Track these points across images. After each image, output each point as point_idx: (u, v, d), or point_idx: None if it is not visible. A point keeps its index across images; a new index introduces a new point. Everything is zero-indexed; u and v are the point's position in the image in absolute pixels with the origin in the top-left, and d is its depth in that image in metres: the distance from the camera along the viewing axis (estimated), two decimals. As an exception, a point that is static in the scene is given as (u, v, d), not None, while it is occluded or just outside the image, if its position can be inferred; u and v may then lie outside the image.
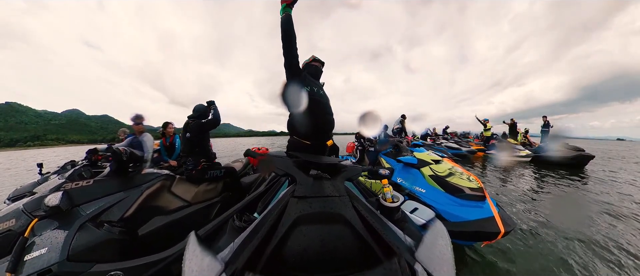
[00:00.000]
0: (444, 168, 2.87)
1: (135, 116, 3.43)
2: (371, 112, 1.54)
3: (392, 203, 1.02)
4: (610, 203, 4.21)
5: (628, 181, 6.26)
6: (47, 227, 1.51)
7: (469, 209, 2.33)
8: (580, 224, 3.21)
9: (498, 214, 2.22)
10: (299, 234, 0.75)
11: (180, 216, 2.18)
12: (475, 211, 2.29)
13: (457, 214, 2.29)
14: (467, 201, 2.41)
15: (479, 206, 2.33)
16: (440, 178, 2.68)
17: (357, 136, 5.34)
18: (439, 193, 2.58)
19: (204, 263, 0.65)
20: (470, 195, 2.43)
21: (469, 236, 2.16)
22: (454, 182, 2.58)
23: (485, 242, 2.27)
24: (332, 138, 1.78)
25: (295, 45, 1.55)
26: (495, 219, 2.16)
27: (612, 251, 2.59)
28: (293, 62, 1.55)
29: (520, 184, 5.71)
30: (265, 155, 1.49)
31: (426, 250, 0.72)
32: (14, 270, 1.31)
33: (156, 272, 1.55)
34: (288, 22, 1.51)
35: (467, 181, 2.58)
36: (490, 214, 2.21)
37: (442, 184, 2.62)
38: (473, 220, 2.20)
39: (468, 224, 2.18)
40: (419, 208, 2.24)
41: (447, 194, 2.53)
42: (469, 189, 2.47)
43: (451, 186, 2.56)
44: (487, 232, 2.10)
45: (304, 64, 1.88)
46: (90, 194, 1.80)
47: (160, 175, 2.31)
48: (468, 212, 2.29)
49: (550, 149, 8.78)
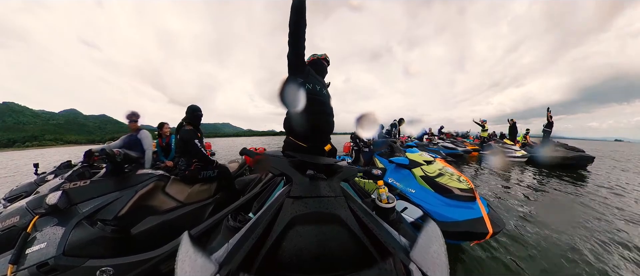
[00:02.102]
0: (435, 169, 2.92)
1: (131, 114, 3.39)
2: (368, 114, 1.54)
3: (387, 204, 1.03)
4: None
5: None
6: (47, 224, 1.61)
7: (458, 209, 2.37)
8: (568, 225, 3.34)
9: (487, 215, 2.26)
10: (295, 234, 0.75)
11: (174, 216, 2.20)
12: (465, 211, 2.32)
13: (446, 215, 2.33)
14: (457, 201, 2.45)
15: (468, 207, 2.37)
16: (430, 179, 2.73)
17: (352, 136, 5.40)
18: (429, 193, 2.62)
19: (197, 263, 0.64)
20: (460, 196, 2.48)
21: (457, 235, 2.20)
22: (444, 183, 2.63)
23: (474, 242, 2.32)
24: (330, 141, 1.71)
25: (304, 35, 1.40)
26: (484, 219, 2.21)
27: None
28: (299, 53, 1.43)
29: (512, 182, 5.90)
30: (262, 155, 1.48)
31: (421, 250, 0.73)
32: (16, 262, 1.43)
33: (146, 270, 1.61)
34: (301, 6, 1.32)
35: (457, 182, 2.63)
36: (479, 215, 2.26)
37: (433, 185, 2.66)
38: (462, 220, 2.24)
39: (457, 225, 2.22)
40: (409, 208, 2.35)
41: (437, 195, 2.57)
42: (459, 190, 2.52)
43: (441, 186, 2.60)
44: (475, 232, 2.15)
45: (309, 60, 1.78)
46: (86, 193, 1.87)
47: (154, 176, 2.32)
48: (457, 212, 2.33)
49: (545, 150, 8.79)
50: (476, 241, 2.30)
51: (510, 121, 12.32)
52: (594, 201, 4.54)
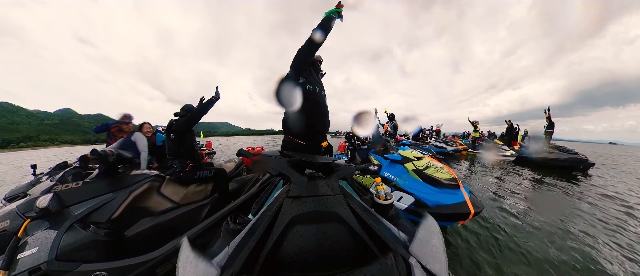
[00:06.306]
0: (423, 163, 3.37)
1: (123, 116, 3.32)
2: (366, 112, 1.56)
3: (385, 200, 1.04)
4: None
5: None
6: (39, 227, 1.57)
7: (445, 195, 2.77)
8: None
9: (469, 198, 2.68)
10: (295, 234, 0.75)
11: (169, 217, 2.15)
12: (450, 197, 2.73)
13: (435, 200, 2.71)
14: (444, 189, 2.86)
15: (453, 193, 2.78)
16: (421, 171, 3.16)
17: (347, 136, 5.50)
18: (420, 183, 3.02)
19: (198, 269, 0.63)
20: (446, 184, 2.90)
21: (446, 217, 2.58)
22: (432, 174, 3.05)
23: (460, 222, 2.73)
24: (326, 139, 1.80)
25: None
26: (467, 202, 2.62)
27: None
28: (308, 60, 1.56)
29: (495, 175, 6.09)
30: (259, 155, 1.48)
31: (420, 244, 0.73)
32: (7, 267, 1.38)
33: (141, 273, 1.59)
34: (329, 24, 1.51)
35: (443, 173, 3.07)
36: (462, 199, 2.67)
37: (423, 177, 3.08)
38: (449, 204, 2.63)
39: (444, 208, 2.61)
40: (403, 197, 2.89)
41: (426, 185, 2.97)
42: (445, 180, 2.95)
43: (430, 177, 3.02)
44: (460, 213, 2.54)
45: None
46: (79, 195, 1.83)
47: (148, 176, 2.26)
48: (444, 198, 2.72)
49: (533, 150, 8.89)
50: (461, 222, 2.71)
51: (508, 122, 12.62)
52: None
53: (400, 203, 2.83)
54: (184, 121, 2.71)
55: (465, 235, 2.94)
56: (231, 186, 2.84)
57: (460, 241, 2.82)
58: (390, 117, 8.27)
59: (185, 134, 2.76)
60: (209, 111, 2.81)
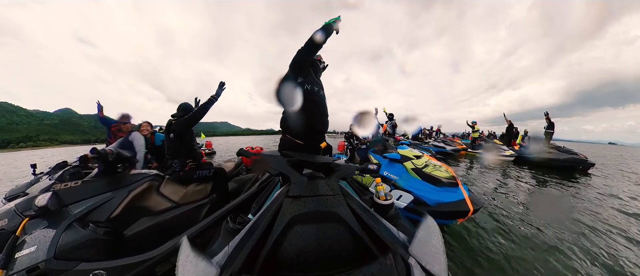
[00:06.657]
0: (422, 162, 3.37)
1: (122, 116, 3.31)
2: (366, 112, 1.56)
3: (385, 200, 1.04)
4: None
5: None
6: (37, 226, 1.55)
7: (444, 193, 2.77)
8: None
9: (468, 196, 2.69)
10: (295, 234, 0.75)
11: (168, 217, 2.14)
12: (449, 195, 2.73)
13: (434, 199, 2.71)
14: (443, 187, 2.87)
15: (452, 191, 2.79)
16: (419, 170, 3.16)
17: (346, 136, 5.53)
18: (419, 182, 3.03)
19: (198, 268, 0.64)
20: (445, 183, 2.91)
21: (445, 215, 2.58)
22: (431, 173, 3.05)
23: (459, 220, 2.70)
24: (325, 140, 1.79)
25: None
26: (466, 200, 2.63)
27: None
28: (307, 61, 1.57)
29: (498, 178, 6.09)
30: (259, 155, 1.47)
31: (419, 245, 0.74)
32: (5, 266, 1.37)
33: (140, 273, 1.58)
34: (330, 31, 1.55)
35: (441, 172, 3.07)
36: (461, 197, 2.68)
37: (422, 175, 3.08)
38: (448, 202, 2.63)
39: (444, 206, 2.61)
40: (402, 195, 2.87)
41: (426, 183, 2.98)
42: (444, 178, 2.96)
43: (429, 176, 3.03)
44: (459, 211, 2.55)
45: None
46: (78, 194, 1.82)
47: (148, 175, 2.26)
48: (443, 196, 2.72)
49: (533, 150, 8.92)
50: (460, 219, 2.68)
51: (508, 121, 12.63)
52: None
53: (400, 202, 2.84)
54: (184, 121, 2.70)
55: (464, 232, 2.96)
56: (231, 185, 2.83)
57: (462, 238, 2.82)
58: (390, 117, 8.31)
59: (185, 133, 2.76)
60: (209, 110, 2.80)
